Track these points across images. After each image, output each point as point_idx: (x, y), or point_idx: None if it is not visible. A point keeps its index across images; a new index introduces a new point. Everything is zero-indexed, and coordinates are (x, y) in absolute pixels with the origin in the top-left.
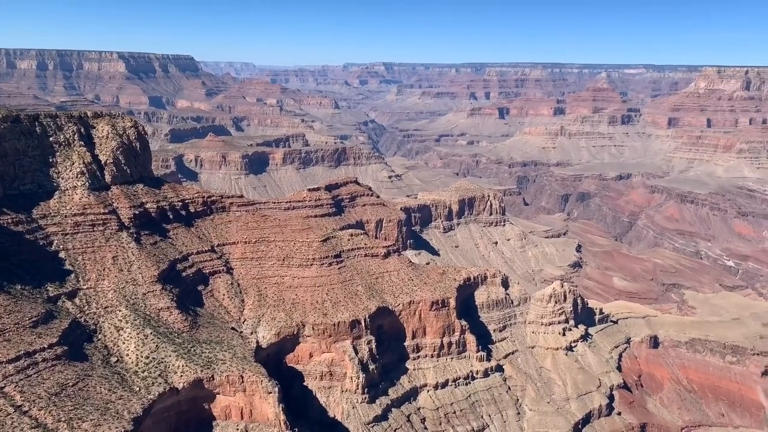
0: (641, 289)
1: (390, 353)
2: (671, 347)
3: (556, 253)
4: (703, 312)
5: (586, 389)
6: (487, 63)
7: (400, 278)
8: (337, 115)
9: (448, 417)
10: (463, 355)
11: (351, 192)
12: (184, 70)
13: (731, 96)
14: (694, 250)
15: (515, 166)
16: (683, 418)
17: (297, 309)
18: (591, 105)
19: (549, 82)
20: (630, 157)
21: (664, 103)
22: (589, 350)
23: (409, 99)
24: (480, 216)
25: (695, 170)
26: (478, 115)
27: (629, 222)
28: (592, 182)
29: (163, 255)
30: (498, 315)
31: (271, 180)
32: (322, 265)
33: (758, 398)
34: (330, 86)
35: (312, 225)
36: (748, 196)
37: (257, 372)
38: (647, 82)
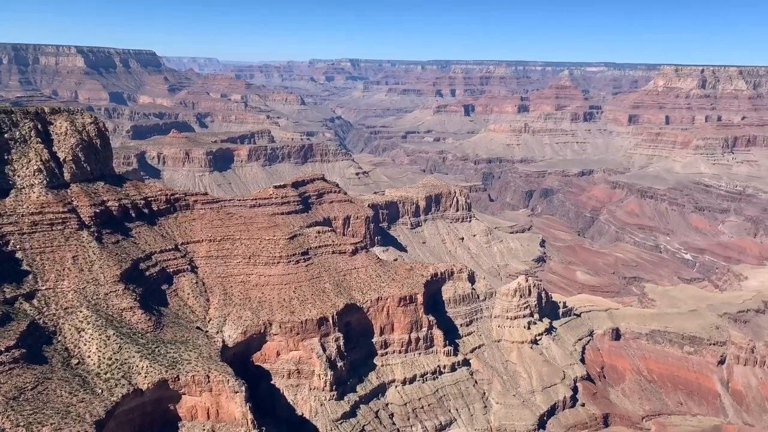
0: (603, 282)
1: (358, 350)
2: (632, 339)
3: (520, 248)
4: (663, 304)
5: (551, 382)
6: (452, 60)
7: (368, 275)
8: (303, 111)
9: (416, 412)
10: (431, 350)
11: (318, 189)
12: (146, 65)
13: (688, 94)
14: (654, 244)
15: (481, 163)
16: (644, 407)
17: (263, 307)
18: (554, 102)
19: (513, 80)
20: (592, 154)
21: (625, 101)
22: (554, 343)
23: (375, 96)
24: (447, 212)
25: (654, 166)
26: (444, 112)
27: (591, 217)
28: (555, 178)
29: (125, 254)
30: (465, 310)
31: (236, 177)
32: (289, 263)
33: (714, 387)
34: (296, 82)
35: (278, 222)
36: (705, 191)
37: (223, 371)
38: (608, 80)
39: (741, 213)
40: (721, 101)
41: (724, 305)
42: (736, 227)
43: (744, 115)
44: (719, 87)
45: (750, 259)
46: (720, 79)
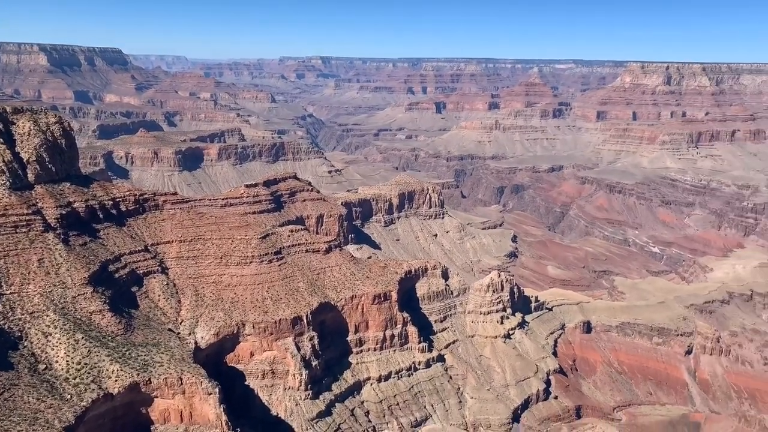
0: (574, 276)
1: (333, 348)
2: (603, 331)
3: (493, 244)
4: (632, 297)
5: (524, 375)
6: (423, 58)
7: (342, 273)
8: (274, 109)
9: (392, 409)
10: (406, 347)
11: (290, 187)
12: (112, 63)
13: (654, 90)
14: (623, 238)
15: (453, 160)
16: (615, 398)
17: (236, 308)
18: (524, 99)
19: (483, 77)
20: (561, 150)
21: (593, 97)
22: (526, 337)
23: (347, 93)
24: (420, 209)
25: (622, 161)
26: (415, 109)
27: (561, 212)
28: (525, 174)
29: (93, 256)
30: (439, 306)
31: (206, 176)
32: (262, 263)
33: (682, 376)
34: (266, 80)
35: (250, 222)
36: (671, 185)
37: (196, 373)
38: (577, 76)
39: (706, 206)
40: (685, 97)
41: (690, 297)
42: (701, 220)
43: (707, 110)
44: (684, 83)
45: (715, 251)
46: (684, 75)
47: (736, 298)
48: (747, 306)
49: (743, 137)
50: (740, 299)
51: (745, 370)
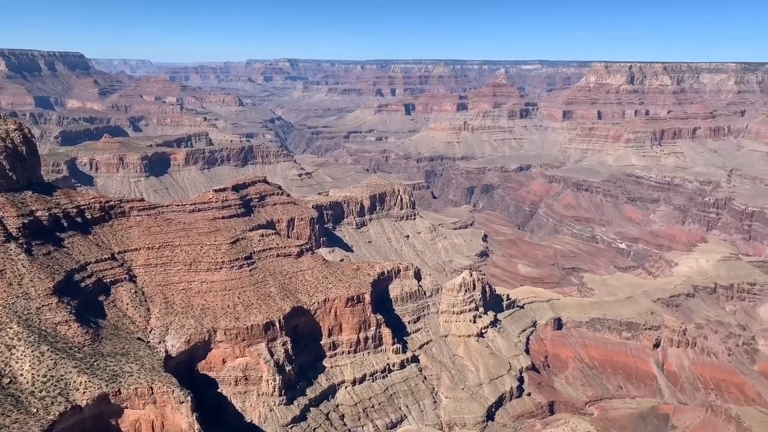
0: (544, 274)
1: (306, 353)
2: (573, 327)
3: (464, 244)
4: (601, 293)
5: (498, 373)
6: (392, 60)
7: (314, 277)
8: (242, 112)
9: (367, 411)
10: (380, 349)
11: (260, 191)
12: (74, 68)
13: (618, 89)
14: (590, 235)
15: (423, 161)
16: (587, 393)
17: (207, 314)
18: (491, 100)
19: (451, 79)
20: (529, 150)
21: (559, 97)
22: (499, 335)
23: (316, 96)
24: (391, 211)
25: (589, 160)
26: (385, 111)
27: (530, 211)
28: (495, 174)
29: (58, 266)
30: (412, 307)
31: (173, 182)
32: (232, 268)
33: (651, 369)
34: (233, 83)
35: (220, 227)
36: (636, 182)
37: (167, 382)
38: (542, 77)
39: (670, 202)
40: (648, 96)
41: (657, 291)
42: (666, 216)
43: (669, 109)
44: (646, 82)
45: (679, 246)
46: (647, 75)
47: (700, 292)
48: (711, 299)
49: (704, 134)
50: (704, 292)
51: (711, 361)
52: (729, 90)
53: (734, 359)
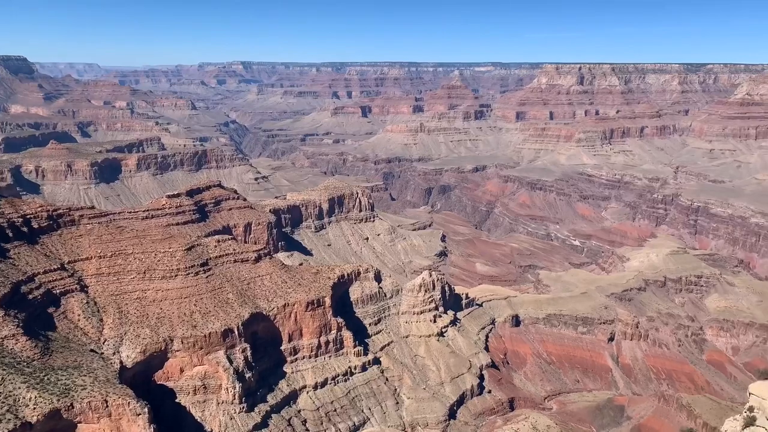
0: (501, 272)
1: (266, 359)
2: (531, 324)
3: (423, 245)
4: (556, 289)
5: (459, 372)
6: (347, 62)
7: (273, 281)
8: (195, 116)
9: (329, 416)
10: (341, 352)
11: (215, 196)
12: (16, 72)
13: (568, 90)
14: (545, 232)
15: (380, 163)
16: (545, 388)
17: (163, 323)
18: (447, 102)
19: (407, 81)
20: (484, 150)
21: (512, 99)
22: (459, 334)
23: (271, 98)
24: (350, 213)
25: (542, 159)
26: (341, 113)
27: (487, 210)
28: (451, 175)
29: (3, 277)
30: (373, 309)
31: (125, 188)
32: (188, 275)
33: (606, 362)
34: (185, 87)
35: (174, 233)
36: (588, 180)
37: (123, 394)
38: (496, 79)
39: (620, 199)
40: (597, 96)
41: (610, 286)
42: (617, 213)
43: (618, 108)
44: (595, 83)
45: (630, 242)
46: (596, 75)
47: (651, 285)
48: (661, 292)
49: (651, 133)
50: (655, 286)
51: (662, 352)
52: (673, 90)
53: (684, 349)
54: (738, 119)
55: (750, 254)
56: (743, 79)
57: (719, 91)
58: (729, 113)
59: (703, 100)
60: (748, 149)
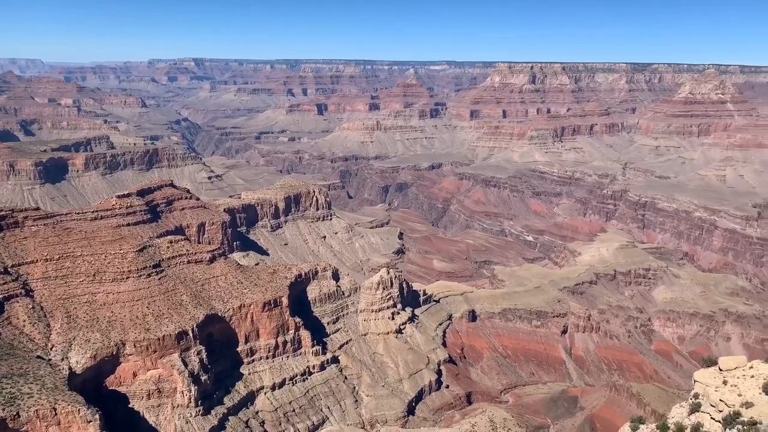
0: (458, 268)
1: (223, 360)
2: (487, 319)
3: (380, 242)
4: (511, 284)
5: (417, 368)
6: (302, 59)
7: (229, 282)
8: (146, 114)
9: (288, 416)
10: (299, 352)
11: (167, 196)
12: None
13: (521, 89)
14: (500, 229)
15: (337, 161)
16: (502, 382)
17: (114, 327)
18: (402, 100)
19: (363, 79)
20: (440, 148)
21: (466, 97)
22: (417, 331)
23: (224, 96)
24: (307, 212)
25: (496, 157)
26: (297, 111)
27: (443, 208)
28: (408, 173)
29: None
30: (331, 307)
31: (72, 189)
32: (140, 277)
33: (560, 355)
34: (135, 84)
35: (125, 234)
36: (540, 177)
37: (72, 401)
38: (450, 77)
39: (572, 195)
40: (549, 95)
41: (563, 280)
42: (569, 208)
43: (569, 107)
44: (547, 82)
45: (581, 237)
46: (547, 75)
47: (602, 279)
48: (611, 285)
49: (600, 130)
50: (605, 279)
51: (613, 343)
52: (621, 89)
53: (633, 340)
54: (682, 117)
55: (694, 247)
56: (686, 78)
57: (664, 90)
58: (673, 111)
59: (650, 98)
60: (691, 146)
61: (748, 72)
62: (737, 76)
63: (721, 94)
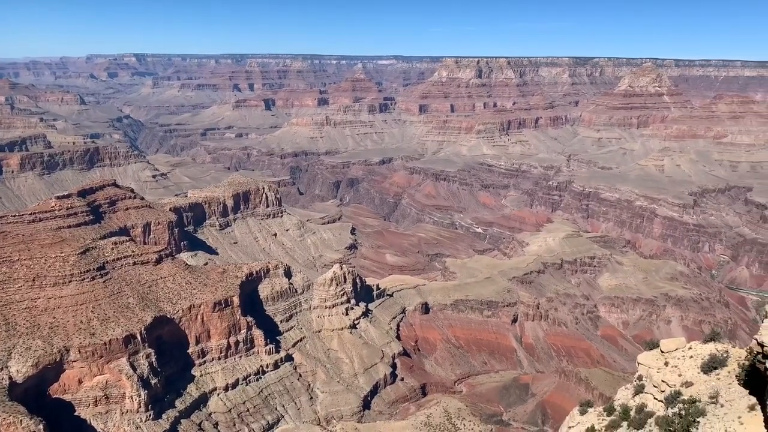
0: (410, 262)
1: (173, 363)
2: (440, 311)
3: (333, 238)
4: (462, 275)
5: (372, 362)
6: (247, 54)
7: (177, 283)
8: (85, 111)
9: (242, 416)
10: (252, 352)
11: (110, 196)
12: None
13: (468, 83)
14: (450, 221)
15: (287, 157)
16: (455, 372)
17: (57, 333)
18: (351, 95)
19: (310, 73)
20: (390, 143)
21: (415, 92)
22: (371, 325)
23: (167, 92)
24: (257, 209)
25: (445, 151)
26: (243, 107)
27: (394, 202)
28: (359, 168)
29: None
30: (284, 305)
31: (7, 190)
32: (84, 281)
33: (511, 343)
34: (73, 80)
35: (66, 237)
36: (488, 170)
37: (13, 411)
38: (398, 72)
39: (518, 187)
40: (495, 89)
41: (512, 270)
42: (516, 200)
43: (514, 100)
44: (493, 76)
45: (529, 227)
46: (493, 69)
47: (549, 268)
48: (558, 273)
49: (545, 123)
50: (553, 268)
51: (561, 330)
52: (564, 82)
53: (581, 327)
54: (622, 109)
55: (636, 235)
56: (625, 72)
57: (605, 83)
58: (614, 104)
59: (591, 91)
60: (631, 137)
61: (683, 65)
62: (672, 69)
63: (658, 87)
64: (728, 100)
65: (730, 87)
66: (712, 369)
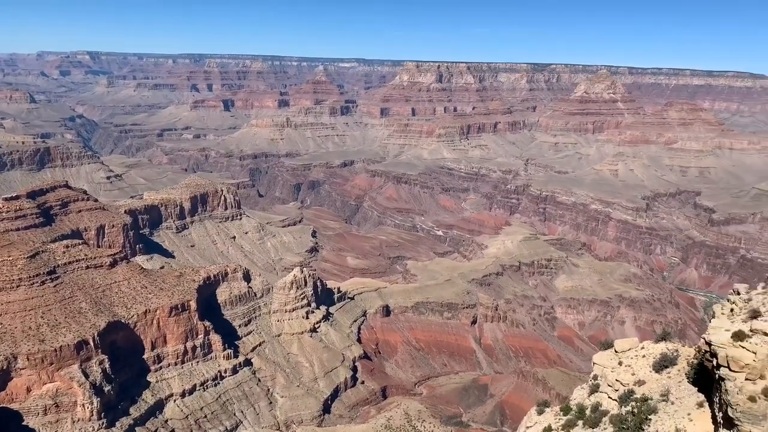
0: (371, 264)
1: (128, 369)
2: (401, 313)
3: (293, 241)
4: (423, 278)
5: (332, 366)
6: (206, 54)
7: (132, 287)
8: (35, 110)
9: (200, 422)
10: (210, 357)
11: (61, 198)
12: None
13: (429, 87)
14: (411, 224)
15: (246, 159)
16: (416, 374)
17: (4, 340)
18: (312, 97)
19: (271, 75)
20: (351, 146)
21: (376, 95)
22: (332, 328)
23: (122, 91)
24: (215, 212)
25: (406, 154)
26: (202, 107)
27: (356, 205)
28: (320, 170)
29: None
30: (242, 309)
31: None
32: (33, 285)
33: (471, 345)
34: (22, 77)
35: (14, 240)
36: (448, 174)
37: None
38: (360, 75)
39: (478, 191)
40: (455, 94)
41: (471, 272)
42: (475, 203)
43: (474, 105)
44: (453, 81)
45: (488, 230)
46: (453, 74)
47: (507, 270)
48: (516, 275)
49: (503, 128)
50: (511, 270)
51: (520, 331)
52: (522, 88)
53: (538, 328)
54: (578, 115)
55: (591, 237)
56: (581, 78)
57: (562, 89)
58: (570, 110)
59: (549, 97)
60: (587, 142)
61: (636, 73)
62: (626, 76)
63: (612, 94)
64: (678, 107)
65: (680, 95)
66: (664, 368)
